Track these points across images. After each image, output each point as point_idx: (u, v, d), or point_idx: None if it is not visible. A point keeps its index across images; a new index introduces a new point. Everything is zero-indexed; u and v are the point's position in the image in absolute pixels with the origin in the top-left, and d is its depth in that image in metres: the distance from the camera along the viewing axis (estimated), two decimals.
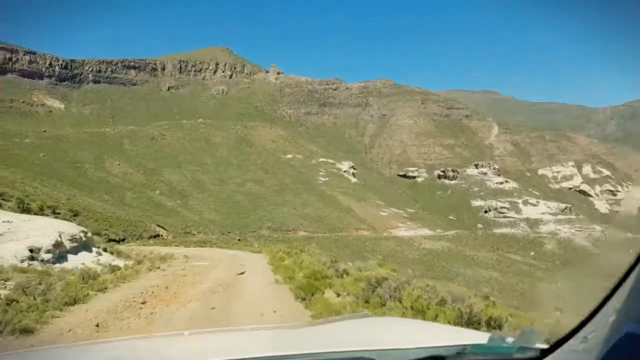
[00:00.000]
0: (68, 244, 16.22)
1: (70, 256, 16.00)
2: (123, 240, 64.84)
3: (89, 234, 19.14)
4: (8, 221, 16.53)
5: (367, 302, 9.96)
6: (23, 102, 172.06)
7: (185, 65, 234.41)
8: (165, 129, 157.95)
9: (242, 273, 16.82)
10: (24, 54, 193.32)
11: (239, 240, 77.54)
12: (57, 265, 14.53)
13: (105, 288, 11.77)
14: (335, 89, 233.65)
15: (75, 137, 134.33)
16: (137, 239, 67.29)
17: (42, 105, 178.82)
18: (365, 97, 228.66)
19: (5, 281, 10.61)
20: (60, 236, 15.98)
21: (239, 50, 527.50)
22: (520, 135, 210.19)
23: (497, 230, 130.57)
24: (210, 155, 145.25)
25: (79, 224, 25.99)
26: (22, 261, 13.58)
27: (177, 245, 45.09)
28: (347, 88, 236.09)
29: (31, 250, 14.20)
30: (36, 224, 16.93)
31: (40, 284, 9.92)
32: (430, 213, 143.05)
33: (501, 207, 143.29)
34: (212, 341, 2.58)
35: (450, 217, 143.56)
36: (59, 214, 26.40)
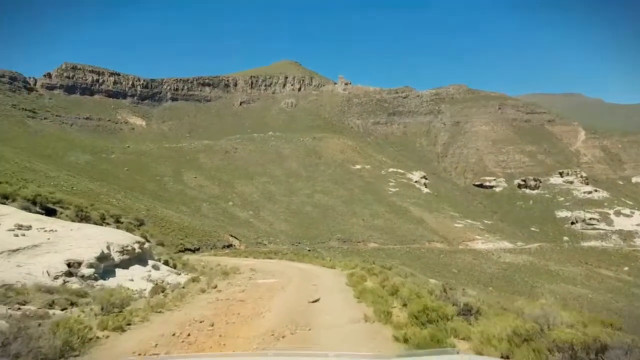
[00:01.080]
0: (117, 257, 14.60)
1: (119, 271, 14.24)
2: (198, 249, 66.44)
3: (146, 245, 17.45)
4: (52, 230, 15.05)
5: None
6: (109, 120, 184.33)
7: (256, 80, 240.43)
8: (237, 142, 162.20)
9: (317, 301, 12.81)
10: (109, 76, 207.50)
11: (309, 250, 76.84)
12: (100, 282, 12.68)
13: (128, 323, 9.06)
14: (405, 97, 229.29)
15: (156, 152, 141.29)
16: (211, 249, 68.66)
17: (126, 122, 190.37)
18: (437, 104, 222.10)
19: (21, 305, 8.93)
20: (108, 247, 14.39)
21: (307, 63, 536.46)
22: (611, 140, 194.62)
23: (585, 243, 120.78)
24: (280, 167, 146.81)
25: (142, 234, 25.39)
26: (55, 278, 11.81)
27: (246, 257, 44.42)
28: (418, 96, 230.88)
29: (69, 265, 12.44)
30: (83, 233, 15.44)
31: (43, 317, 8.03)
32: (510, 225, 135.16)
33: (590, 219, 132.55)
34: None
35: (532, 229, 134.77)
36: (121, 222, 25.27)
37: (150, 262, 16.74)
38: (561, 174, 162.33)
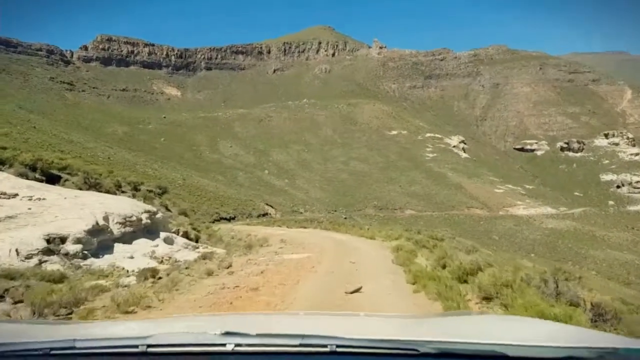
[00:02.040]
0: (117, 229, 12.45)
1: (118, 246, 12.16)
2: (233, 218, 67.14)
3: (159, 215, 15.35)
4: (40, 199, 12.76)
5: None
6: (145, 91, 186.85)
7: (290, 47, 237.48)
8: (272, 110, 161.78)
9: (358, 290, 9.14)
10: (144, 47, 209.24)
11: (345, 218, 76.52)
12: (89, 261, 10.57)
13: None
14: (442, 60, 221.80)
15: (191, 122, 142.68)
16: (247, 218, 69.26)
17: (162, 93, 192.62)
18: (476, 66, 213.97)
19: None
20: (106, 218, 12.26)
21: (340, 28, 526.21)
22: None
23: (632, 208, 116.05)
24: (314, 135, 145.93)
25: (162, 203, 24.17)
26: (27, 257, 9.55)
27: (279, 226, 43.65)
28: (456, 58, 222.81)
29: (48, 241, 10.20)
30: (78, 201, 13.13)
31: None
32: (553, 189, 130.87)
33: (637, 182, 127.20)
34: (331, 322, 2.51)
35: (576, 193, 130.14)
36: (138, 190, 23.65)
37: (163, 235, 14.67)
38: (606, 136, 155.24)
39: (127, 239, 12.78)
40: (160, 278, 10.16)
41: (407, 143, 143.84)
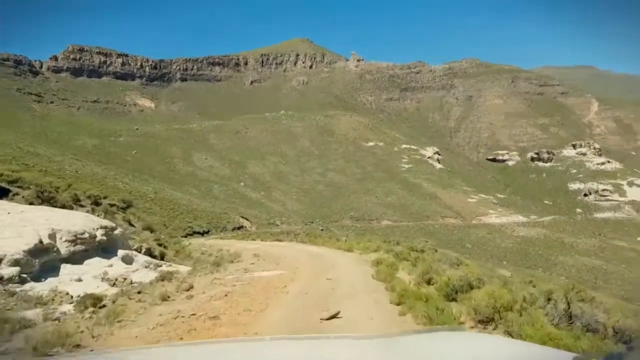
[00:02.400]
0: (65, 248, 11.12)
1: (65, 267, 10.88)
2: (207, 232, 66.18)
3: (118, 231, 14.03)
4: None
5: None
6: (117, 102, 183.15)
7: (267, 59, 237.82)
8: (248, 122, 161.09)
9: (335, 316, 8.33)
10: (117, 57, 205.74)
11: (322, 230, 76.50)
12: (28, 285, 9.31)
13: None
14: (417, 73, 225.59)
15: (165, 134, 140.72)
16: (221, 231, 68.27)
17: (135, 104, 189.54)
18: (450, 79, 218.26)
19: None
20: (52, 236, 10.97)
21: (318, 40, 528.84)
22: (624, 111, 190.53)
23: (599, 215, 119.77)
24: (291, 147, 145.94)
25: (125, 218, 22.90)
26: None
27: (254, 239, 42.91)
28: (431, 71, 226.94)
29: None
30: (21, 217, 11.69)
31: None
32: (523, 198, 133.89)
33: (603, 190, 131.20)
34: (297, 348, 2.44)
35: (546, 201, 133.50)
36: (99, 205, 22.21)
37: (121, 253, 13.47)
38: (574, 146, 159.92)
39: (77, 258, 11.49)
40: (103, 306, 8.64)
41: (383, 154, 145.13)
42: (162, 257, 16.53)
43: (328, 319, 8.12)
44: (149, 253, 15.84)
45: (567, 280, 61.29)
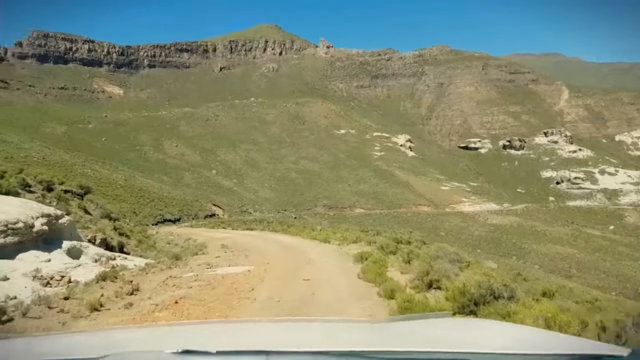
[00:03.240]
0: None
1: None
2: (179, 220, 64.42)
3: (64, 219, 12.36)
4: None
5: None
6: (85, 89, 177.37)
7: (236, 45, 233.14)
8: (218, 109, 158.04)
9: None
10: (83, 43, 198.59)
11: (295, 218, 75.40)
12: None
13: None
14: (388, 60, 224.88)
15: (134, 121, 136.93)
16: (193, 219, 66.74)
17: (103, 91, 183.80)
18: (421, 66, 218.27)
19: None
20: None
21: (287, 27, 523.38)
22: (594, 99, 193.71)
23: (571, 203, 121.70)
24: (263, 134, 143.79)
25: (80, 205, 21.38)
26: None
27: (225, 227, 41.37)
28: (401, 58, 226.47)
29: None
30: None
31: None
32: (496, 186, 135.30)
33: (575, 178, 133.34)
34: (288, 331, 2.49)
35: (518, 190, 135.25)
36: (51, 190, 19.92)
37: (67, 245, 11.80)
38: (546, 134, 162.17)
39: (7, 252, 9.89)
40: (10, 320, 6.71)
41: (355, 142, 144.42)
42: (120, 249, 15.27)
43: None
44: (105, 244, 14.34)
45: (541, 268, 61.79)
